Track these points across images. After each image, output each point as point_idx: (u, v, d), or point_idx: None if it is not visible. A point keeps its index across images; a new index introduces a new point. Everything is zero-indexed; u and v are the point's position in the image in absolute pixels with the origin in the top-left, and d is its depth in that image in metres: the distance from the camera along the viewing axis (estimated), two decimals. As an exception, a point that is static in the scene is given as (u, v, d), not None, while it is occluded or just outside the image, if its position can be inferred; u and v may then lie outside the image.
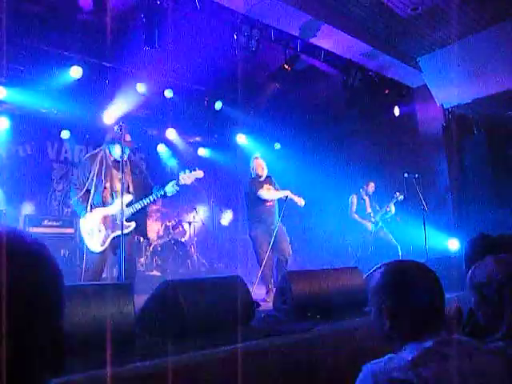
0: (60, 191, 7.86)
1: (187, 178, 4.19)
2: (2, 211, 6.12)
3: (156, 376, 2.21)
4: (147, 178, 4.40)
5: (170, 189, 4.13)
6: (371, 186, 7.32)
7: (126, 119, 4.60)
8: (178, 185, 4.15)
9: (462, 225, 7.05)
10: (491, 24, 6.43)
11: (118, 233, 4.01)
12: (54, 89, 6.77)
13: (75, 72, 6.60)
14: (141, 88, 7.31)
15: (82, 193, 4.07)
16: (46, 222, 6.20)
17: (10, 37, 5.73)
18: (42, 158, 7.89)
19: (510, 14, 6.16)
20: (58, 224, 6.31)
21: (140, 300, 3.15)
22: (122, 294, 2.66)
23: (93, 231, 4.03)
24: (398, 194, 7.03)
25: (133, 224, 4.11)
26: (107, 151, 4.22)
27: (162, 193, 4.14)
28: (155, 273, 7.30)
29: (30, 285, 0.60)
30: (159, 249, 7.57)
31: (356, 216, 7.19)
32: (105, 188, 4.09)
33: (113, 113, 7.43)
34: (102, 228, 4.05)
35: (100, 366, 2.05)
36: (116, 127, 4.07)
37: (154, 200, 4.19)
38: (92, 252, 4.03)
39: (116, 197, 4.12)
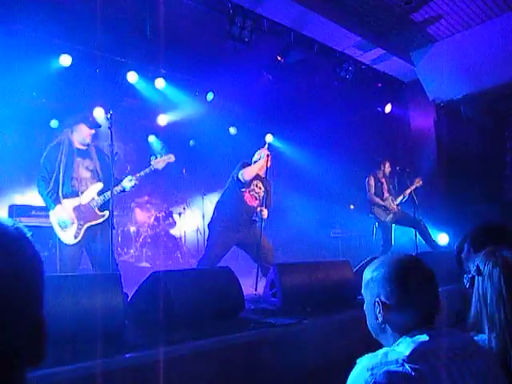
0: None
1: (158, 162, 4.13)
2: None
3: (145, 368, 2.20)
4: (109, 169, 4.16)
5: (128, 183, 4.03)
6: (387, 166, 6.77)
7: (115, 109, 4.51)
8: (136, 180, 4.03)
9: (452, 219, 7.09)
10: (484, 19, 6.45)
11: (92, 223, 3.95)
12: (42, 77, 6.66)
13: (64, 60, 6.50)
14: (131, 77, 7.23)
15: (52, 184, 3.93)
16: (33, 212, 6.10)
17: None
18: (30, 148, 7.77)
19: (502, 9, 6.18)
20: (46, 214, 6.21)
21: (129, 291, 3.14)
22: (111, 285, 2.64)
23: (65, 223, 3.90)
24: (418, 179, 6.61)
25: (106, 213, 3.99)
26: (71, 136, 4.06)
27: (121, 188, 4.04)
28: (145, 264, 7.26)
29: (6, 270, 0.58)
30: (149, 240, 7.53)
31: (376, 198, 6.63)
32: (73, 177, 3.96)
33: (103, 102, 7.34)
34: (74, 219, 3.92)
35: (89, 358, 2.03)
36: (108, 115, 3.97)
37: (116, 193, 4.03)
38: (66, 245, 3.89)
39: (85, 186, 4.00)
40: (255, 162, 4.82)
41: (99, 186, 4.03)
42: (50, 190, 3.92)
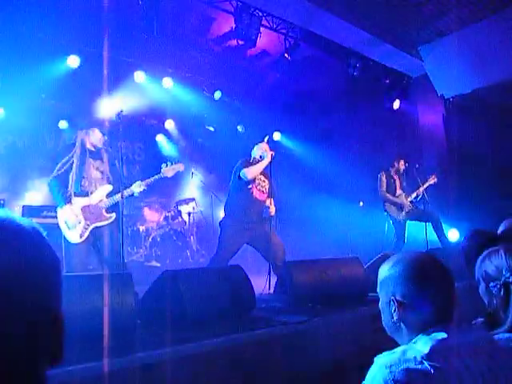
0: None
1: (168, 170, 4.19)
2: (0, 201, 6.08)
3: (156, 366, 2.20)
4: (118, 173, 4.26)
5: (137, 189, 4.07)
6: (401, 164, 6.68)
7: (124, 109, 4.51)
8: (145, 186, 4.08)
9: (463, 215, 7.02)
10: (492, 13, 6.36)
11: (98, 224, 3.99)
12: (50, 78, 6.71)
13: (72, 61, 6.54)
14: (139, 77, 7.25)
15: (63, 183, 3.98)
16: (44, 213, 6.15)
17: (5, 25, 5.67)
18: (39, 149, 7.83)
19: (510, 2, 6.09)
20: (55, 214, 6.26)
21: (139, 290, 3.14)
22: (122, 284, 2.65)
23: (71, 222, 3.94)
24: (432, 176, 6.58)
25: (113, 215, 4.04)
26: (85, 137, 4.13)
27: (130, 192, 4.08)
28: (154, 263, 7.29)
29: (29, 267, 0.58)
30: (158, 239, 7.55)
31: (388, 195, 6.52)
32: (83, 177, 4.02)
33: (111, 102, 7.37)
34: (82, 219, 3.96)
35: (100, 357, 2.04)
36: (115, 115, 4.04)
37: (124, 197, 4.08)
38: (70, 243, 3.93)
39: (95, 186, 4.06)
40: (255, 158, 4.80)
41: (109, 187, 4.09)
42: (61, 189, 3.97)
